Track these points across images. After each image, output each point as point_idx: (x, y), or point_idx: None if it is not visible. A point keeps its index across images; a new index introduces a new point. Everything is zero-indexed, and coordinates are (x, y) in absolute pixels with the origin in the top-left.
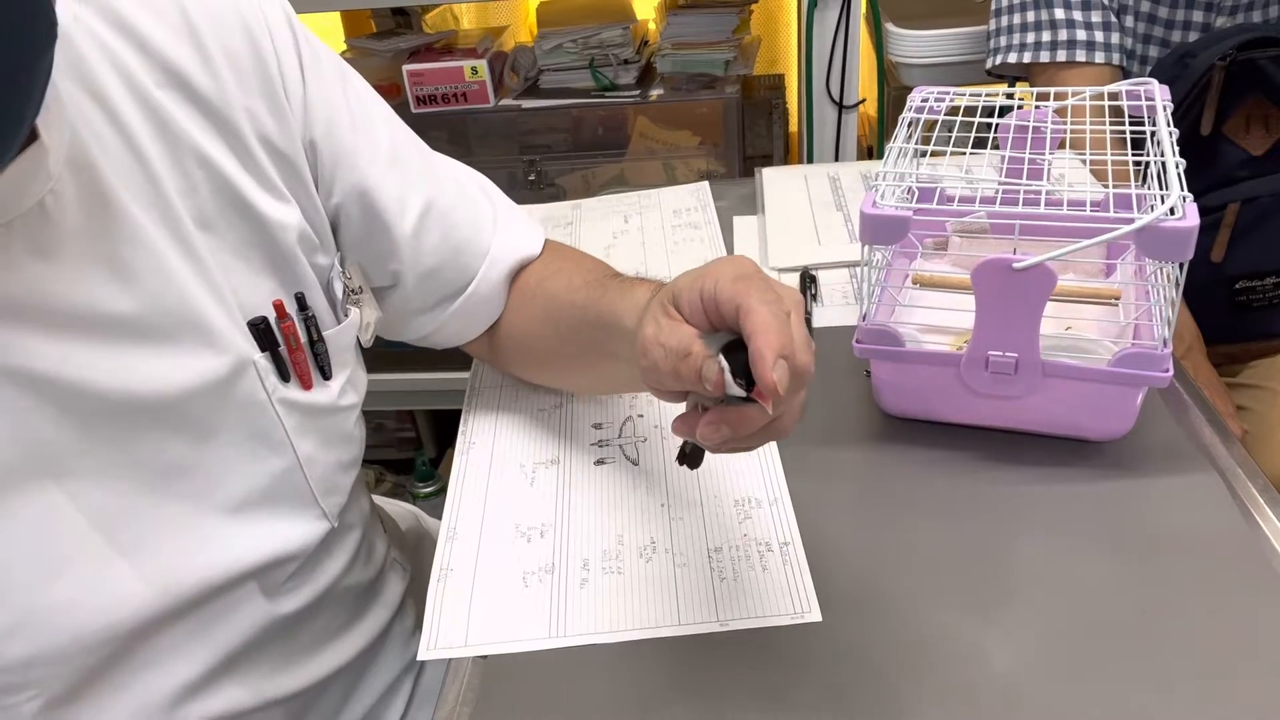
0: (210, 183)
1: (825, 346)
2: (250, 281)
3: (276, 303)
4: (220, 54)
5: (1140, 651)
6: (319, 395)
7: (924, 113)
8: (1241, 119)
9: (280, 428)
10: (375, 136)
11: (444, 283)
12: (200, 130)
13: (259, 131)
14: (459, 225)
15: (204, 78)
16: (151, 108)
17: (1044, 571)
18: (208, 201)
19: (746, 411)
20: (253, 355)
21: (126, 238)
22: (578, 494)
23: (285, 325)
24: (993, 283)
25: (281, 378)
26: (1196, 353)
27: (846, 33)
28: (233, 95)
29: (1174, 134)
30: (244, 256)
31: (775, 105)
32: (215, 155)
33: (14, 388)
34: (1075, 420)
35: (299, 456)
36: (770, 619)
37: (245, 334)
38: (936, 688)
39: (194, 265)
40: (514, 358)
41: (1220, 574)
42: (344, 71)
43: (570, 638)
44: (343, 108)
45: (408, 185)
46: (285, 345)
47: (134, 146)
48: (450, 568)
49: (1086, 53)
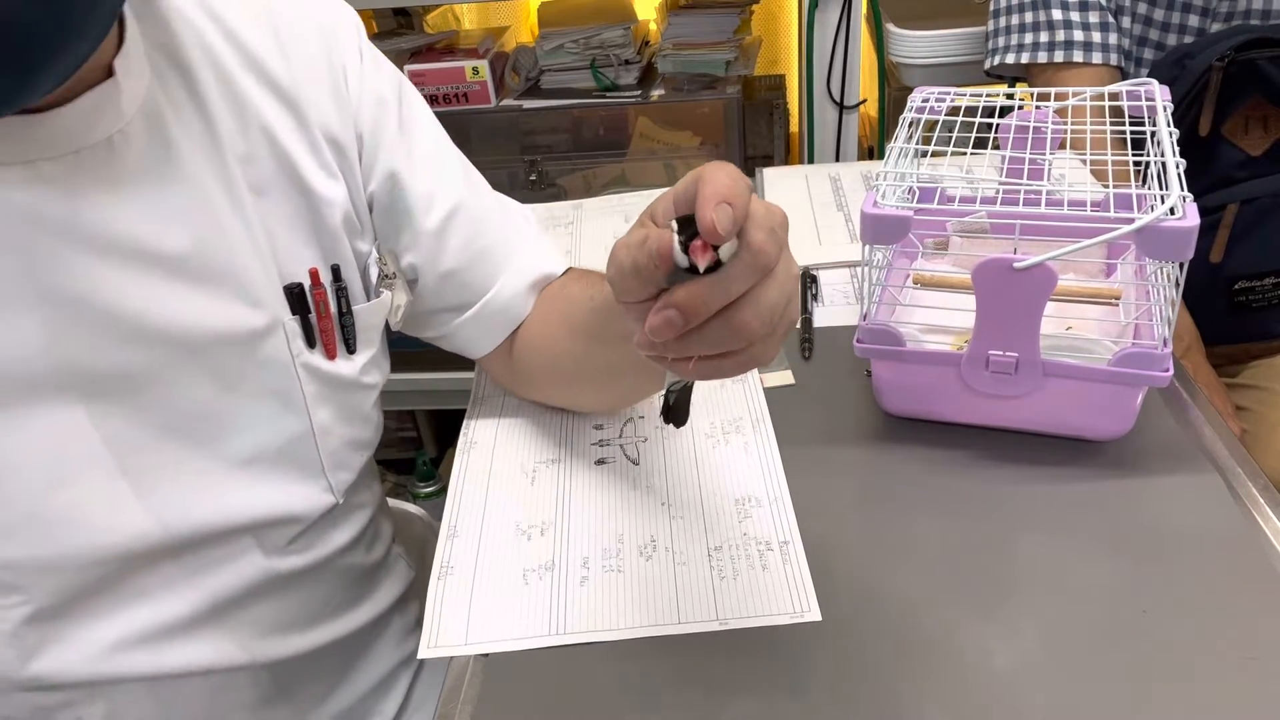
0: (271, 155)
1: (826, 346)
2: (292, 249)
3: (312, 270)
4: (297, 50)
5: (1140, 650)
6: (341, 366)
7: (924, 113)
8: (1240, 119)
9: (300, 391)
10: (418, 139)
11: (462, 286)
12: (271, 109)
13: (321, 120)
14: (485, 234)
15: (280, 67)
16: (228, 82)
17: (1044, 571)
18: (265, 171)
19: (693, 287)
20: (284, 316)
21: (185, 188)
22: (578, 493)
23: (318, 293)
24: (993, 282)
25: (308, 343)
26: (1195, 353)
27: (847, 33)
28: (303, 85)
29: (1174, 134)
30: (291, 225)
31: (776, 105)
32: (280, 133)
33: (58, 307)
34: (1075, 420)
35: (314, 424)
36: (770, 618)
37: (280, 296)
38: (936, 686)
39: (242, 224)
40: (530, 373)
41: (1220, 574)
42: (402, 83)
43: (570, 636)
44: (393, 109)
45: (440, 186)
46: (315, 312)
47: (205, 111)
48: (451, 566)
49: (1084, 53)
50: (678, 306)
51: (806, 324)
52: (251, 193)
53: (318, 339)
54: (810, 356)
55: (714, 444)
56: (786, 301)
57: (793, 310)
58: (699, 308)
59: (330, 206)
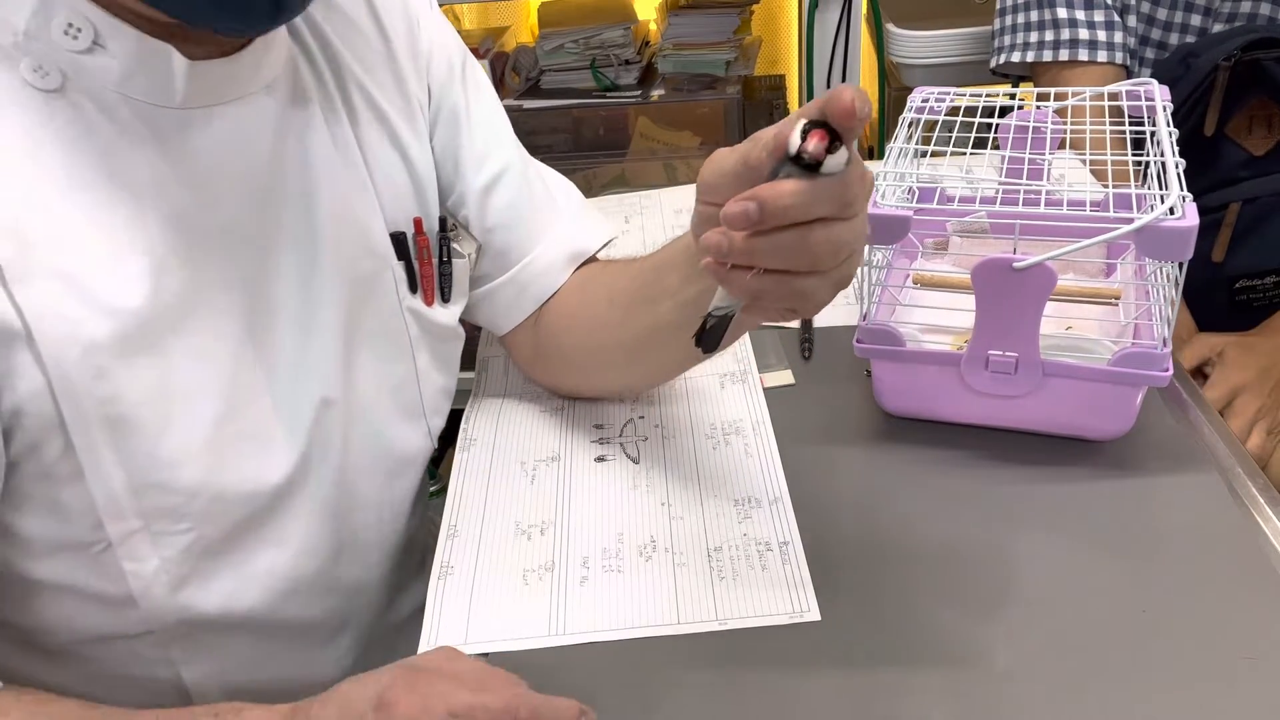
0: (373, 115)
1: (826, 346)
2: (395, 200)
3: (416, 220)
4: (390, 26)
5: (1140, 650)
6: (439, 314)
7: (924, 113)
8: (1244, 119)
9: (405, 334)
10: (476, 100)
11: (500, 249)
12: (366, 69)
13: (408, 77)
14: (529, 200)
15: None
16: (326, 42)
17: (1044, 570)
18: (369, 129)
19: (783, 183)
20: (391, 261)
21: (316, 140)
22: (578, 492)
23: (421, 240)
24: (993, 282)
25: (411, 288)
26: None
27: (847, 33)
28: (399, 56)
29: (1174, 134)
30: (392, 180)
31: (776, 106)
32: (380, 99)
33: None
34: (1075, 420)
35: (417, 366)
36: (769, 618)
37: (388, 242)
38: (936, 686)
39: (355, 177)
40: (558, 350)
41: (1220, 573)
42: (468, 58)
43: (570, 636)
44: (458, 69)
45: (492, 146)
46: (419, 259)
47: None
48: (450, 565)
49: (1089, 52)
50: (760, 197)
51: (806, 324)
52: (360, 149)
53: (419, 285)
54: (810, 356)
55: (714, 444)
56: (851, 250)
57: (854, 263)
58: (783, 204)
59: (422, 165)
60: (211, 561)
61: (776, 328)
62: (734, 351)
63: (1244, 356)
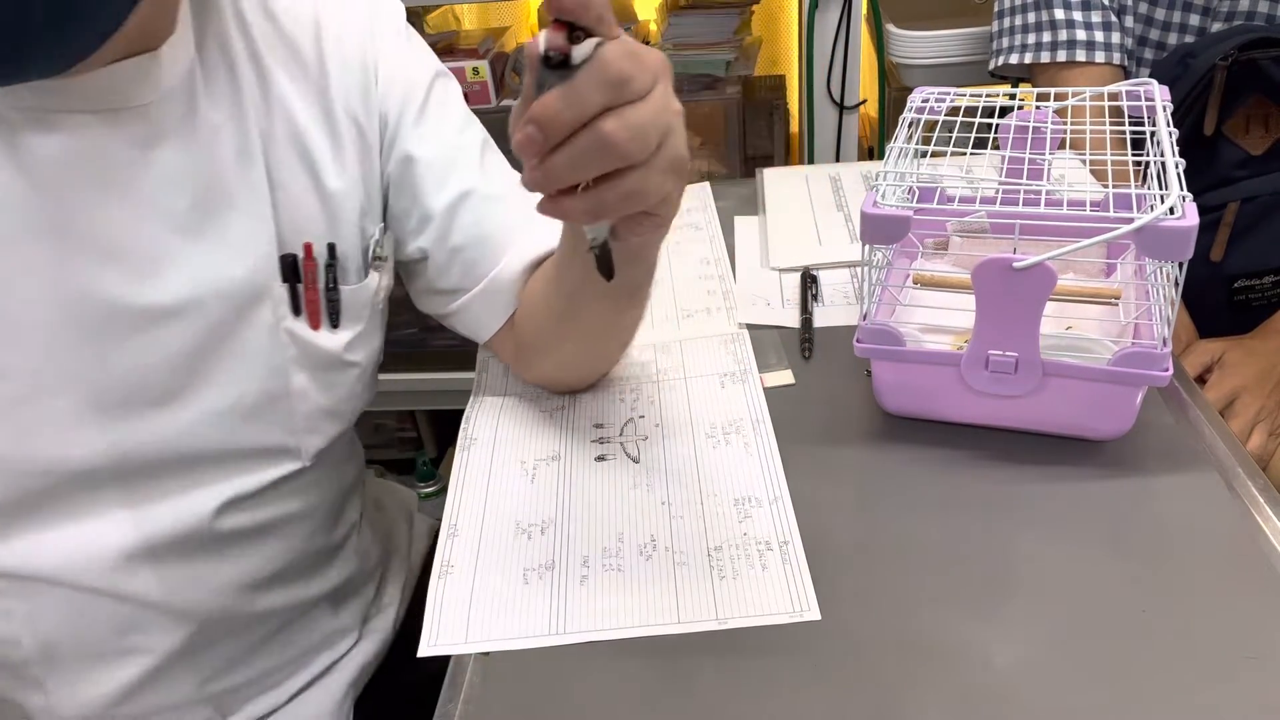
0: (289, 137)
1: (826, 346)
2: (294, 223)
3: (306, 245)
4: (332, 58)
5: (1140, 650)
6: (324, 339)
7: (924, 113)
8: (1241, 119)
9: (282, 355)
10: (440, 123)
11: (468, 264)
12: (299, 97)
13: (348, 107)
14: (494, 216)
15: (311, 52)
16: (263, 69)
17: (1044, 570)
18: (283, 152)
19: (545, 96)
20: (274, 282)
21: (206, 159)
22: (578, 491)
23: (308, 265)
24: (993, 282)
25: (294, 311)
26: None
27: (847, 33)
28: (332, 72)
29: (1174, 134)
30: (298, 203)
31: (776, 106)
32: (303, 120)
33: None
34: (1075, 419)
35: (291, 386)
36: (769, 617)
37: (275, 263)
38: (936, 686)
39: (252, 196)
40: (530, 347)
41: (1220, 573)
42: (439, 73)
43: (570, 635)
44: (420, 94)
45: (454, 171)
46: (305, 283)
47: (238, 92)
48: (451, 565)
49: (1087, 52)
50: (532, 117)
51: (807, 324)
52: (266, 168)
53: (303, 309)
54: (810, 356)
55: (714, 444)
56: (664, 131)
57: (676, 144)
58: (551, 113)
59: (339, 192)
60: (7, 523)
61: (777, 327)
62: (734, 351)
63: (1244, 358)
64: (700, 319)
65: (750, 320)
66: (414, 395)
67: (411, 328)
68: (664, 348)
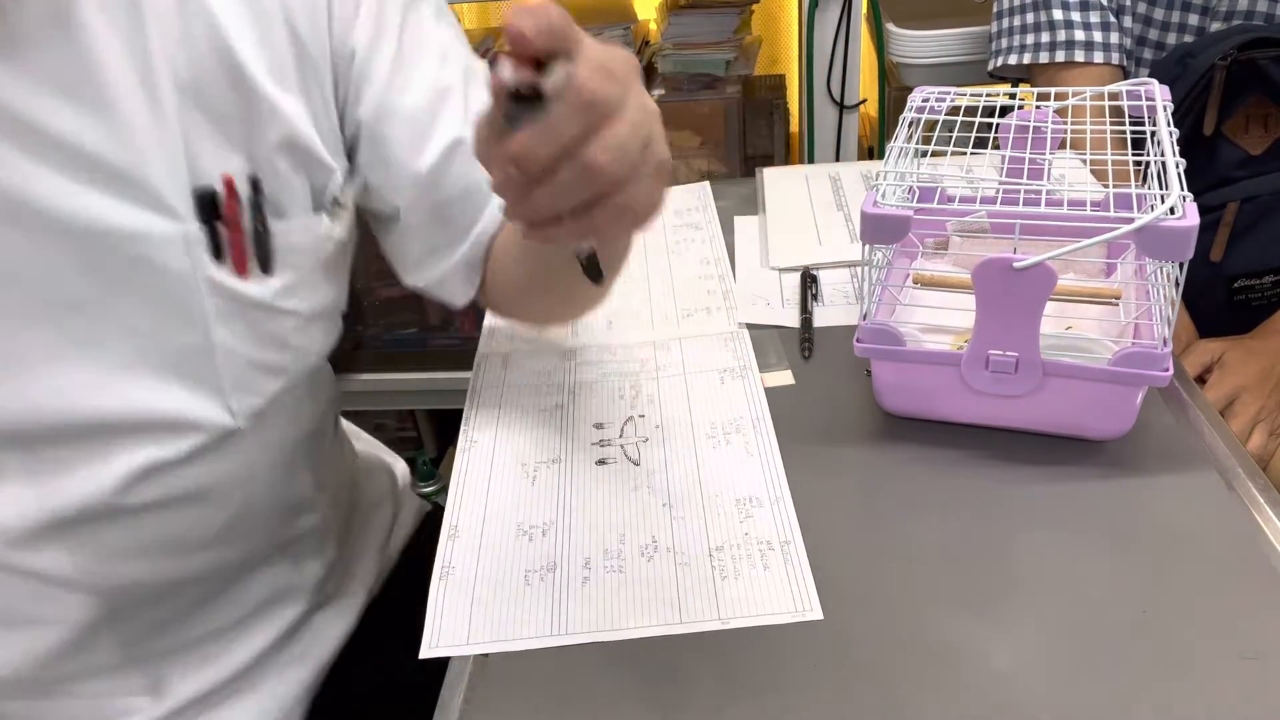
0: (214, 52)
1: (826, 346)
2: (213, 152)
3: (227, 178)
4: None
5: (1140, 650)
6: (252, 286)
7: (924, 113)
8: (1241, 118)
9: (200, 305)
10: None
11: (450, 220)
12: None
13: (288, 19)
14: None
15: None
16: None
17: (1044, 570)
18: (201, 63)
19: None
20: (187, 224)
21: (86, 66)
22: (579, 493)
23: (230, 203)
24: (993, 282)
25: (214, 254)
26: None
27: (847, 33)
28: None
29: (1174, 134)
30: (219, 127)
31: (776, 105)
32: (228, 24)
33: None
34: (1075, 419)
35: (213, 340)
36: (771, 617)
37: (188, 200)
38: (937, 685)
39: (152, 117)
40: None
41: (1220, 573)
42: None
43: (572, 636)
44: (393, 35)
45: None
46: (226, 224)
47: None
48: (452, 566)
49: (1085, 53)
50: (510, 157)
51: (806, 324)
52: (175, 89)
53: (226, 252)
54: (810, 356)
55: (715, 444)
56: (645, 141)
57: (657, 149)
58: (530, 151)
59: (276, 116)
60: None
61: (776, 327)
62: (734, 350)
63: (1244, 358)
64: (700, 318)
65: (750, 320)
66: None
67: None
68: (663, 345)
